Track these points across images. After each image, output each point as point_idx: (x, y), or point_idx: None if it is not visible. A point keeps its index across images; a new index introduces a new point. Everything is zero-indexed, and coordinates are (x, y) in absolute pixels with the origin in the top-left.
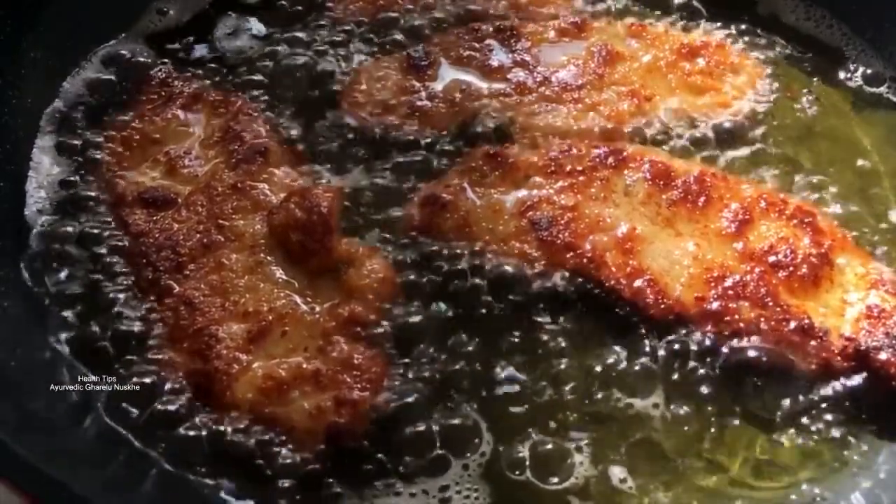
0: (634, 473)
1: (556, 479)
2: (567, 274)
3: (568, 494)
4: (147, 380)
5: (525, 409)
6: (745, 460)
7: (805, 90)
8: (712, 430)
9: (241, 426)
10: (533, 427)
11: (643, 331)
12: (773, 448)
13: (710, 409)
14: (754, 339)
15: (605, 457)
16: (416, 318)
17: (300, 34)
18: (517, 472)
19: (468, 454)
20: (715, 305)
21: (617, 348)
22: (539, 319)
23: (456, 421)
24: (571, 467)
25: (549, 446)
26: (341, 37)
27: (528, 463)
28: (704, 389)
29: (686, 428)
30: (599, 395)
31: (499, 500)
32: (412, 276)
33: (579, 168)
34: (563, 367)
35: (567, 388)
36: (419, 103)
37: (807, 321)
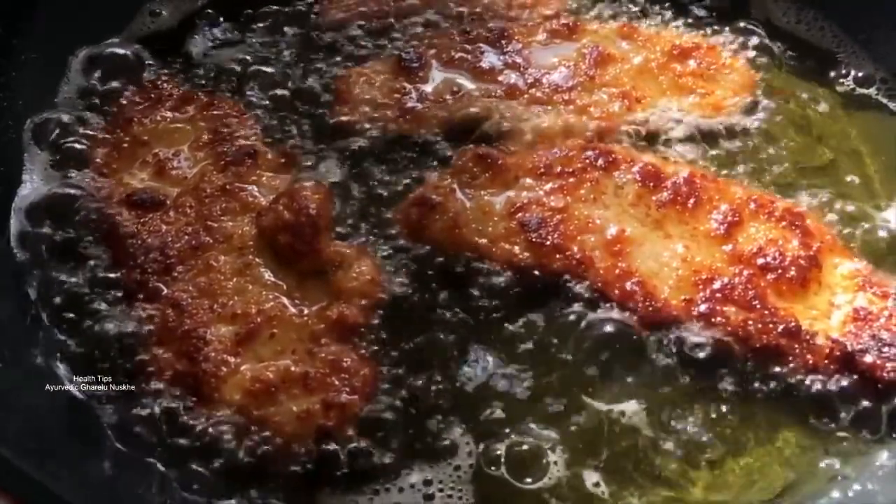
0: (609, 479)
1: (529, 479)
2: (556, 276)
3: (543, 493)
4: (135, 382)
5: (506, 409)
6: (727, 466)
7: (796, 92)
8: (694, 434)
9: (229, 428)
10: (512, 428)
11: (629, 334)
12: (758, 453)
13: (692, 413)
14: (739, 342)
15: (581, 460)
16: (404, 320)
17: (292, 36)
18: (496, 470)
19: (452, 451)
20: (703, 308)
21: (601, 351)
22: (528, 321)
23: (440, 418)
24: (546, 467)
25: (525, 447)
26: (333, 38)
27: (503, 461)
28: (687, 394)
29: (667, 432)
30: (581, 398)
31: (481, 497)
32: (401, 278)
33: (569, 170)
34: (547, 367)
35: (550, 390)
36: (410, 105)
37: (794, 324)
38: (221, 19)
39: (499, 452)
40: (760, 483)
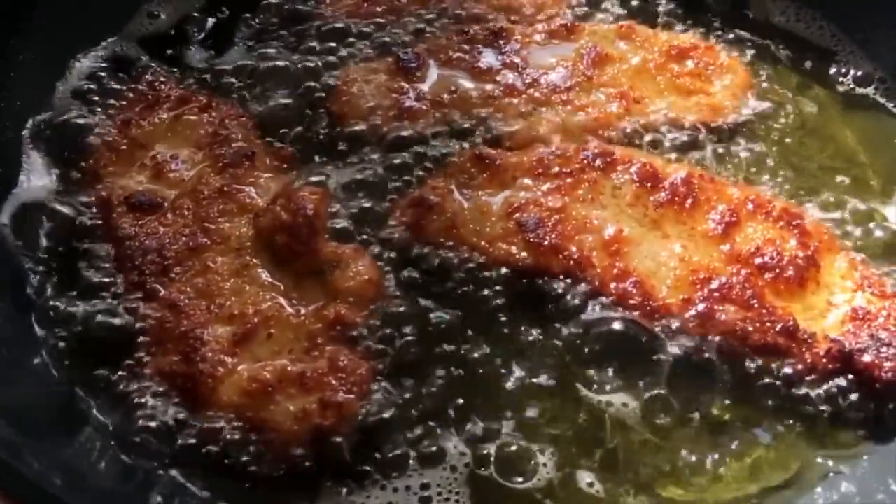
0: (603, 478)
1: (520, 479)
2: (554, 275)
3: (535, 494)
4: (132, 382)
5: (502, 408)
6: (722, 465)
7: (794, 91)
8: (690, 433)
9: (226, 428)
10: (507, 427)
11: (625, 333)
12: (753, 451)
13: (688, 412)
14: (737, 341)
15: (575, 460)
16: (401, 319)
17: (289, 37)
18: (487, 471)
19: (447, 452)
20: (701, 307)
21: (596, 350)
22: (525, 320)
23: (436, 418)
24: (536, 468)
25: (517, 448)
26: (330, 39)
27: (493, 462)
28: (683, 393)
29: (662, 431)
30: (577, 397)
31: (477, 498)
32: (398, 278)
33: (567, 170)
34: (544, 367)
35: (546, 389)
36: (407, 105)
37: (792, 323)
38: (219, 21)
39: (487, 452)
40: (756, 481)
